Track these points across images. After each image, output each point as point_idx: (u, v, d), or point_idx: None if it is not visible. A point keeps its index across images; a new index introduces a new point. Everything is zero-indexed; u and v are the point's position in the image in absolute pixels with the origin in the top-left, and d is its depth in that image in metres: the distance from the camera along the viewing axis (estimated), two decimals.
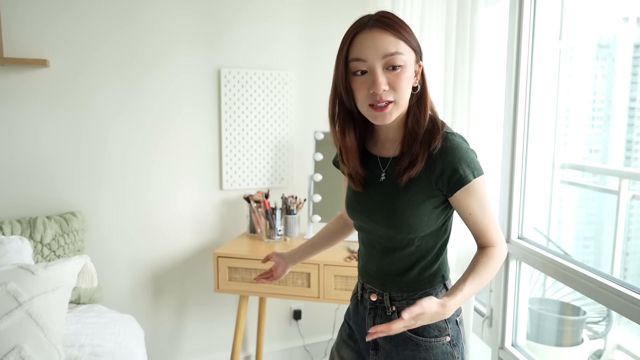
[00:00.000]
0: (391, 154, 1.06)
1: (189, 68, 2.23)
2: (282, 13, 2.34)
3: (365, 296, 1.15)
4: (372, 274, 1.12)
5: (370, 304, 1.12)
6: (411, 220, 1.01)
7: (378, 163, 1.07)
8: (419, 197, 1.00)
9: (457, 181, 0.97)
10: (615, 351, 2.50)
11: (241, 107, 2.33)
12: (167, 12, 2.16)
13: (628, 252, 2.34)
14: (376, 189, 1.06)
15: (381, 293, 1.10)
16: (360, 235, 1.15)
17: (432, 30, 2.02)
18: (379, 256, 1.09)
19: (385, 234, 1.06)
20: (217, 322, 2.45)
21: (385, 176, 1.05)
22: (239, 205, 2.41)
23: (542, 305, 2.49)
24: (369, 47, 0.94)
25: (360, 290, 1.17)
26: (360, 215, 1.10)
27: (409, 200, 1.00)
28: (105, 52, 2.10)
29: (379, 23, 0.94)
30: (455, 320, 1.08)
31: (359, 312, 1.16)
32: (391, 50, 0.93)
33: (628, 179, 2.28)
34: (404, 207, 1.01)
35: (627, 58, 2.69)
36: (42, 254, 1.93)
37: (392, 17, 0.96)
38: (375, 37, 0.94)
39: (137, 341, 1.83)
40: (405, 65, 0.95)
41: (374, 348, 1.12)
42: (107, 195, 2.17)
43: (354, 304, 1.19)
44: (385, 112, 0.96)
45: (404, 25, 0.96)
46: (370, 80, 0.94)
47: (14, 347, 1.35)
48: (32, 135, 2.03)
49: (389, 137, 1.06)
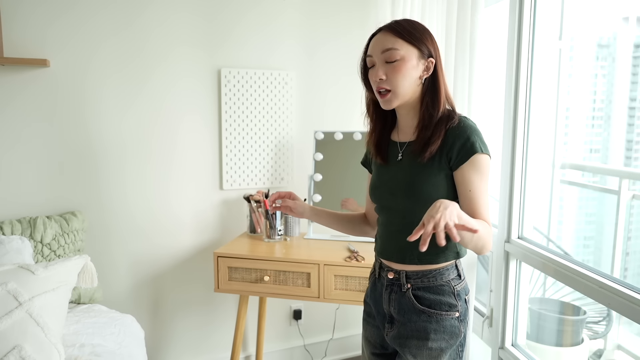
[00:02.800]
0: (408, 139, 1.22)
1: (190, 69, 2.23)
2: (282, 14, 2.34)
3: (382, 274, 1.25)
4: (392, 251, 1.22)
5: (388, 281, 1.23)
6: (429, 190, 1.13)
7: (397, 146, 1.23)
8: (433, 169, 1.14)
9: (467, 151, 1.10)
10: (615, 351, 2.50)
11: (241, 107, 2.33)
12: (169, 14, 2.16)
13: (628, 252, 2.34)
14: (396, 168, 1.21)
15: (398, 271, 1.20)
16: (381, 217, 1.27)
17: (432, 30, 2.02)
18: (399, 231, 1.18)
19: (405, 207, 1.17)
20: (217, 322, 2.45)
21: (402, 156, 1.21)
22: (239, 205, 2.41)
23: (542, 305, 2.49)
24: (374, 44, 1.16)
25: (379, 268, 1.27)
26: (382, 193, 1.23)
27: (429, 173, 1.14)
28: (106, 53, 2.10)
29: (388, 27, 1.15)
30: (464, 298, 1.21)
31: (377, 289, 1.27)
32: (388, 46, 1.12)
33: (628, 178, 2.28)
34: (424, 180, 1.14)
35: (627, 58, 2.68)
36: (42, 254, 1.93)
37: (402, 23, 1.14)
38: (379, 37, 1.15)
39: (137, 341, 1.83)
40: (402, 59, 1.12)
41: (389, 322, 1.23)
42: (107, 195, 2.17)
43: (372, 282, 1.31)
44: (385, 99, 1.16)
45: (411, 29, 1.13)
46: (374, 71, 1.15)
47: (14, 347, 1.35)
48: (32, 135, 2.03)
49: (407, 124, 1.22)
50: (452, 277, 1.19)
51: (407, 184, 1.16)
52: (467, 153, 1.10)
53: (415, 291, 1.18)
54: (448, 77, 2.00)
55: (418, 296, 1.17)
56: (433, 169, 1.14)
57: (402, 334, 1.19)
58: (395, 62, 1.12)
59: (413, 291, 1.18)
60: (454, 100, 1.98)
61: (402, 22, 1.15)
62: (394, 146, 1.24)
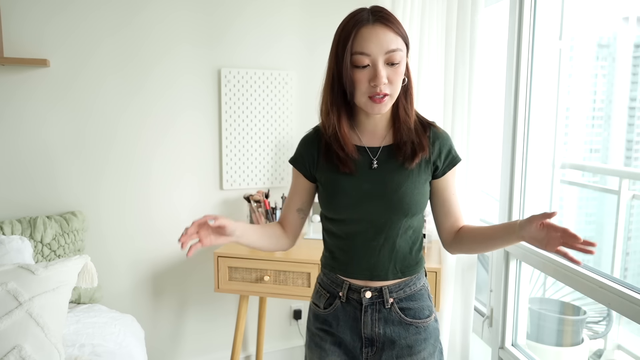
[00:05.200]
0: (378, 144, 1.12)
1: (189, 68, 2.23)
2: (282, 13, 2.34)
3: (353, 296, 1.13)
4: (370, 269, 1.12)
5: (366, 302, 1.12)
6: (418, 199, 1.09)
7: (367, 152, 1.11)
8: (421, 177, 1.10)
9: (452, 160, 1.13)
10: (615, 351, 2.50)
11: (241, 107, 2.33)
12: (168, 12, 2.16)
13: (628, 251, 2.34)
14: (370, 176, 1.09)
15: (379, 288, 1.12)
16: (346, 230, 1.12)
17: (432, 30, 2.02)
18: (380, 247, 1.10)
19: (389, 219, 1.09)
20: (217, 321, 2.45)
21: (378, 164, 1.10)
22: (239, 205, 2.41)
23: (542, 305, 2.49)
24: (373, 42, 1.00)
25: (347, 290, 1.14)
26: (358, 204, 1.09)
27: (416, 181, 1.09)
28: (105, 52, 2.10)
29: (381, 19, 1.01)
30: (431, 297, 1.20)
31: (348, 314, 1.14)
32: (392, 47, 1.00)
33: (628, 178, 2.28)
34: (413, 188, 1.08)
35: (627, 58, 2.68)
36: (43, 254, 1.93)
37: (389, 13, 1.03)
38: (379, 33, 1.00)
39: (137, 341, 1.83)
40: (401, 60, 1.03)
41: (368, 345, 1.13)
42: (108, 195, 2.17)
43: (335, 308, 1.15)
44: (382, 104, 1.03)
45: (398, 20, 1.04)
46: (372, 73, 1.01)
47: (15, 347, 1.35)
48: (32, 135, 2.03)
49: (378, 127, 1.12)
50: (424, 279, 1.19)
51: (397, 194, 1.07)
52: (453, 161, 1.13)
53: (399, 303, 1.12)
54: (448, 77, 2.00)
55: (402, 308, 1.12)
56: (420, 176, 1.09)
57: (392, 354, 1.12)
58: (397, 64, 1.01)
59: (397, 304, 1.12)
60: (455, 101, 1.98)
61: (388, 12, 1.03)
62: (361, 151, 1.11)
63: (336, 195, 1.11)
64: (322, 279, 1.21)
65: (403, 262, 1.12)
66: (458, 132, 1.96)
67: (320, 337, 1.18)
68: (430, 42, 2.02)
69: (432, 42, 2.02)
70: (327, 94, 1.11)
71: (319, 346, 1.17)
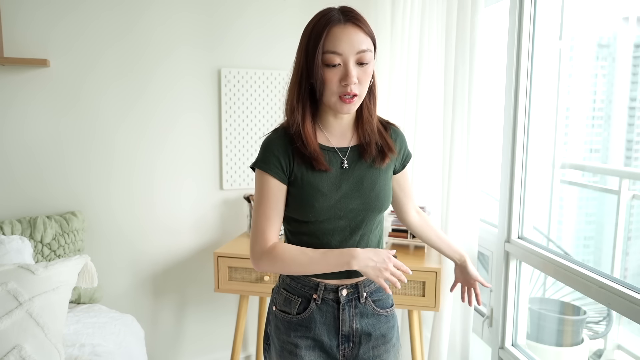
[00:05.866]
0: (346, 144, 1.15)
1: (190, 69, 2.23)
2: (282, 14, 2.35)
3: (328, 296, 1.14)
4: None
5: (343, 300, 1.15)
6: (389, 195, 1.18)
7: (336, 152, 1.13)
8: (388, 174, 1.18)
9: (408, 155, 1.25)
10: (615, 351, 2.50)
11: (241, 107, 2.33)
12: (169, 14, 2.16)
13: (628, 252, 2.34)
14: (344, 176, 1.12)
15: (354, 285, 1.16)
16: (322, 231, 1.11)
17: (432, 30, 2.02)
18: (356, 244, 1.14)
19: (365, 217, 1.13)
20: (218, 321, 2.45)
21: (348, 164, 1.12)
22: (239, 205, 2.41)
23: (542, 305, 2.49)
24: (344, 42, 1.01)
25: (322, 292, 1.13)
26: (335, 207, 1.09)
27: (386, 178, 1.17)
28: (107, 53, 2.10)
29: (353, 19, 1.03)
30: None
31: (325, 315, 1.14)
32: (363, 48, 1.02)
33: (628, 178, 2.28)
34: (385, 185, 1.15)
35: (627, 58, 2.68)
36: (43, 254, 1.93)
37: (359, 14, 1.05)
38: (350, 33, 1.02)
39: (137, 341, 1.83)
40: (370, 61, 1.05)
41: (345, 341, 1.16)
42: (108, 195, 2.17)
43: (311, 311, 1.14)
44: (351, 104, 1.05)
45: (366, 21, 1.06)
46: (343, 73, 1.02)
47: (15, 347, 1.35)
48: (32, 135, 2.03)
49: (344, 127, 1.15)
50: None
51: (373, 192, 1.12)
52: (409, 156, 1.25)
53: (371, 296, 1.18)
54: (448, 77, 2.00)
55: (374, 300, 1.19)
56: (387, 172, 1.17)
57: (368, 346, 1.17)
58: (367, 64, 1.03)
59: (370, 297, 1.18)
60: (455, 101, 1.98)
61: (357, 13, 1.05)
62: (330, 152, 1.12)
63: (313, 196, 1.09)
64: (288, 284, 1.17)
65: None
66: (458, 132, 1.95)
67: (294, 344, 1.15)
68: (430, 42, 2.02)
69: (432, 42, 2.02)
70: (294, 92, 1.11)
71: (293, 353, 1.15)
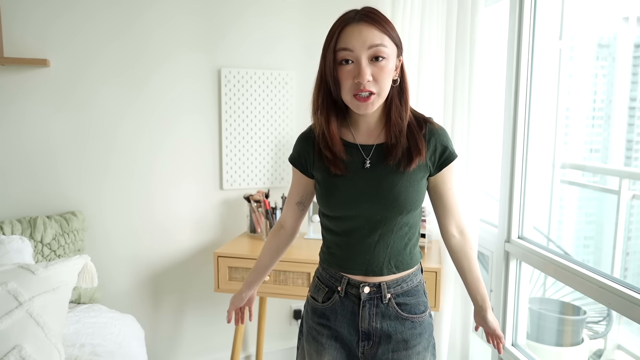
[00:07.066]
0: (372, 142, 1.12)
1: (190, 69, 2.23)
2: (282, 14, 2.34)
3: (351, 291, 1.15)
4: (366, 265, 1.14)
5: (365, 297, 1.14)
6: (413, 197, 1.09)
7: (359, 150, 1.12)
8: (417, 175, 1.10)
9: (448, 157, 1.12)
10: (615, 351, 2.50)
11: (241, 107, 2.33)
12: (170, 16, 2.16)
13: (628, 251, 2.34)
14: (364, 175, 1.10)
15: (377, 284, 1.14)
16: (341, 228, 1.14)
17: (432, 30, 2.02)
18: (376, 243, 1.12)
19: (385, 216, 1.09)
20: (218, 322, 2.45)
21: (370, 162, 1.10)
22: (239, 205, 2.41)
23: (542, 305, 2.49)
24: (355, 38, 1.00)
25: (345, 285, 1.16)
26: (355, 202, 1.10)
27: (410, 179, 1.09)
28: (106, 54, 2.10)
29: (366, 17, 1.02)
30: (427, 293, 1.23)
31: (346, 308, 1.16)
32: (376, 42, 1.00)
33: (628, 178, 2.28)
34: (408, 187, 1.09)
35: (627, 58, 2.68)
36: (43, 254, 1.93)
37: (377, 13, 1.03)
38: (362, 29, 1.01)
39: (137, 341, 1.83)
40: (387, 58, 1.02)
41: (365, 339, 1.15)
42: (108, 195, 2.17)
43: (335, 303, 1.17)
44: (368, 103, 1.03)
45: (388, 21, 1.04)
46: (356, 70, 1.01)
47: (15, 347, 1.35)
48: (32, 135, 2.03)
49: (371, 126, 1.13)
50: (421, 276, 1.21)
51: (392, 193, 1.08)
52: (449, 157, 1.12)
53: (396, 299, 1.15)
54: (448, 77, 2.00)
55: (399, 303, 1.15)
56: (415, 174, 1.09)
57: (388, 348, 1.15)
58: (382, 60, 1.01)
59: (394, 299, 1.15)
60: (455, 101, 1.99)
61: (377, 12, 1.03)
62: (354, 150, 1.12)
63: (331, 194, 1.12)
64: (320, 273, 1.23)
65: (397, 258, 1.14)
66: (458, 132, 1.96)
67: (317, 331, 1.19)
68: (430, 42, 2.02)
69: (432, 42, 2.02)
70: (317, 93, 1.11)
71: (316, 340, 1.19)
